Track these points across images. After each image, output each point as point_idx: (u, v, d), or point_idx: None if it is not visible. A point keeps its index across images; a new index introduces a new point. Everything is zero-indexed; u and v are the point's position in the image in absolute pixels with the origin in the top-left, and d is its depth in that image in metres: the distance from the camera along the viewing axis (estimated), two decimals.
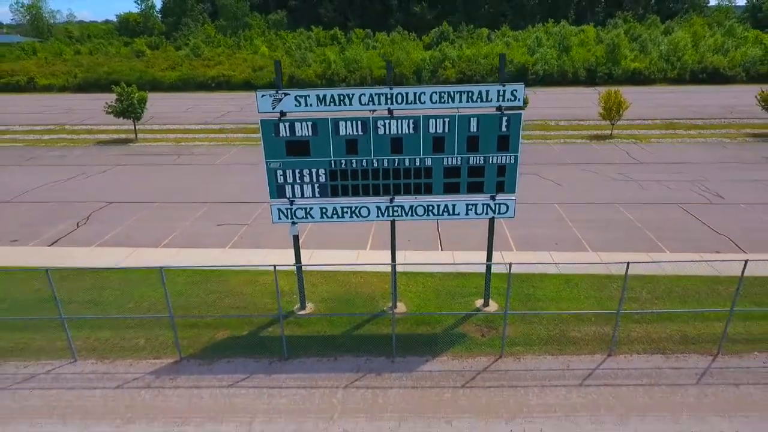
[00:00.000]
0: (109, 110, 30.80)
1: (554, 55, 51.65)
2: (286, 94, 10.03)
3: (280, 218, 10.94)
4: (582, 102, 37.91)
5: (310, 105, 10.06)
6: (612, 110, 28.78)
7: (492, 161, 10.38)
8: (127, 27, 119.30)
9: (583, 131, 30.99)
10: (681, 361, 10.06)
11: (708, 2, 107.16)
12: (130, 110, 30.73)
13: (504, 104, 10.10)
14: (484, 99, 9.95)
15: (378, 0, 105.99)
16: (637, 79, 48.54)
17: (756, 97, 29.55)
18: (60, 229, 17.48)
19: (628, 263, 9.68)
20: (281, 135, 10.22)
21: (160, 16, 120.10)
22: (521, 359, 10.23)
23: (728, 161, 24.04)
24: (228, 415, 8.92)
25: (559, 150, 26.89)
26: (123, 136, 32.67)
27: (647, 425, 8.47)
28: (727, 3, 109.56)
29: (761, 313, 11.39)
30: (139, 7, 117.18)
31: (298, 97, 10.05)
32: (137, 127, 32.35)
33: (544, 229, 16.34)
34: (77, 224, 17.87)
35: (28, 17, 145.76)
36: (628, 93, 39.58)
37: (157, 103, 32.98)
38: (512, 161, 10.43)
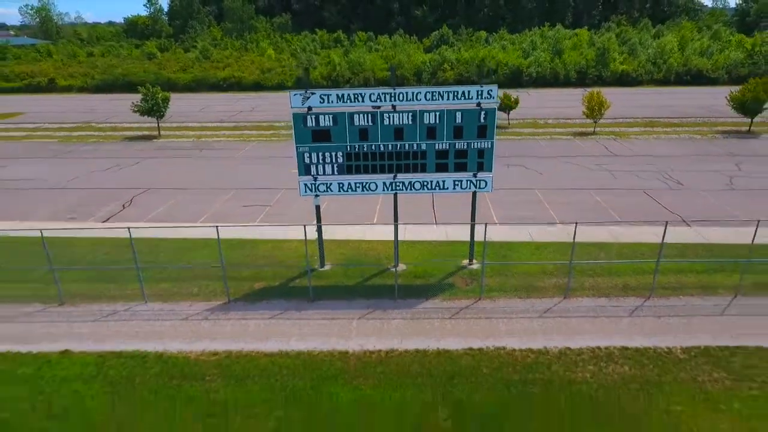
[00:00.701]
0: (136, 109, 33.70)
1: (547, 58, 54.54)
2: (312, 93, 12.88)
3: (306, 192, 13.80)
4: (571, 102, 40.66)
5: (331, 102, 12.93)
6: (594, 109, 31.62)
7: (473, 146, 13.23)
8: (135, 30, 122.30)
9: (569, 129, 33.81)
10: (620, 301, 12.91)
11: (703, 5, 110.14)
12: (155, 109, 33.63)
13: (482, 101, 12.94)
14: (467, 97, 12.81)
15: (380, 3, 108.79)
16: (625, 80, 51.39)
17: (726, 97, 32.35)
18: (109, 209, 20.37)
19: (576, 223, 12.51)
20: (308, 125, 13.08)
21: (167, 18, 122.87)
22: (495, 301, 13.08)
23: (694, 155, 26.85)
24: (270, 337, 11.78)
25: (545, 145, 29.74)
26: (146, 132, 35.57)
27: (587, 341, 11.31)
28: (722, 6, 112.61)
29: (689, 266, 14.25)
30: (148, 10, 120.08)
31: (322, 96, 12.91)
32: (160, 124, 35.24)
33: (524, 210, 19.15)
34: (123, 206, 20.76)
35: (37, 20, 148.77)
36: (616, 94, 42.57)
37: (173, 103, 35.89)
38: (489, 146, 13.27)
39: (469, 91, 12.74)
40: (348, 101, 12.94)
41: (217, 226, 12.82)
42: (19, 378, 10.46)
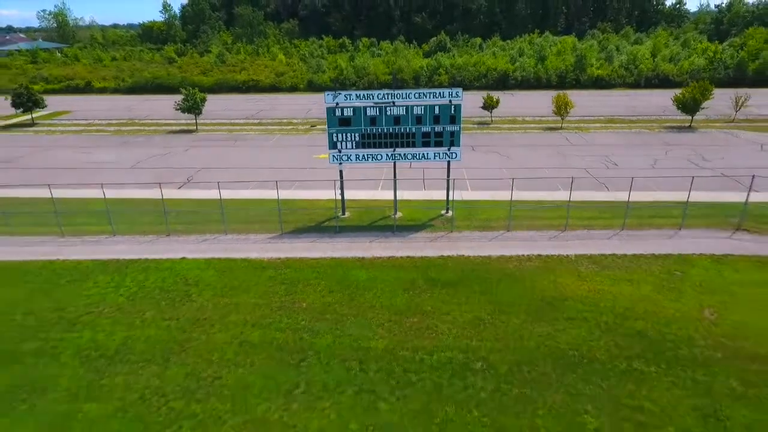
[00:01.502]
0: (178, 107, 40.19)
1: (532, 63, 60.99)
2: (340, 93, 19.31)
3: (333, 160, 20.21)
4: (549, 103, 46.98)
5: (351, 99, 19.36)
6: (561, 108, 38.03)
7: (447, 129, 19.65)
8: (150, 35, 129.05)
9: (542, 124, 40.23)
10: (544, 232, 19.31)
11: (687, 12, 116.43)
12: (194, 107, 40.11)
13: (452, 99, 19.36)
14: (442, 96, 19.23)
15: (382, 11, 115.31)
16: (600, 84, 57.79)
17: (671, 99, 38.74)
18: (178, 181, 26.82)
19: (513, 179, 18.96)
20: (336, 115, 19.51)
21: (180, 23, 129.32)
22: (461, 233, 19.51)
23: (636, 144, 33.23)
24: (312, 250, 18.19)
25: (518, 137, 36.17)
26: (185, 127, 42.05)
27: (517, 251, 17.67)
28: (708, 9, 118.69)
29: (598, 213, 20.68)
30: (164, 16, 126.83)
31: (346, 95, 19.36)
32: (197, 120, 41.74)
33: (490, 181, 25.54)
34: (187, 179, 27.23)
35: (54, 24, 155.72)
36: (591, 96, 49.12)
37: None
38: (457, 129, 19.69)
39: (443, 92, 19.19)
40: (362, 99, 19.39)
41: (276, 181, 19.31)
42: (162, 268, 16.93)
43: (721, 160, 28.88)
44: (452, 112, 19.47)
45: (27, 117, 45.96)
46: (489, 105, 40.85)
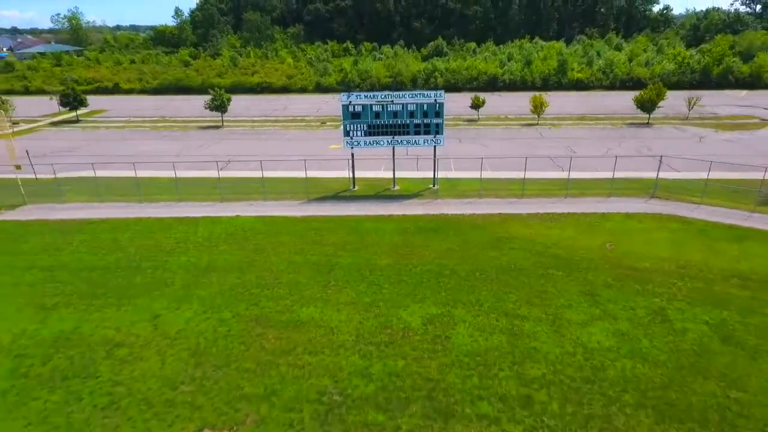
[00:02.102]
0: (207, 106, 46.50)
1: (519, 68, 67.31)
2: (352, 94, 25.64)
3: (346, 145, 26.50)
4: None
5: (360, 98, 25.67)
6: (537, 107, 44.30)
7: (433, 121, 25.95)
8: (163, 38, 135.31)
9: (521, 121, 46.52)
10: (505, 199, 25.59)
11: (674, 18, 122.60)
12: (221, 106, 46.42)
13: (437, 98, 25.66)
14: (429, 97, 25.55)
15: (383, 16, 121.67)
16: (579, 86, 64.06)
17: (632, 99, 45.00)
18: (218, 165, 33.09)
19: (482, 159, 25.30)
20: (349, 110, 25.81)
21: (191, 28, 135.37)
22: (444, 199, 25.82)
23: (597, 137, 39.51)
24: (332, 211, 24.48)
25: (499, 131, 42.50)
26: (212, 123, 48.36)
27: (484, 210, 23.96)
28: (695, 13, 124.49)
29: (555, 187, 26.97)
30: (176, 21, 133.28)
31: (356, 95, 25.69)
32: (223, 118, 48.05)
33: (471, 164, 31.83)
34: (228, 161, 33.53)
35: (68, 27, 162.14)
36: (571, 96, 55.31)
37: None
38: (441, 121, 25.98)
39: (429, 94, 25.51)
40: (369, 98, 25.69)
41: (304, 160, 25.66)
42: (223, 222, 23.24)
43: (662, 149, 35.15)
44: (437, 108, 25.77)
45: (72, 115, 52.31)
46: (476, 105, 47.15)
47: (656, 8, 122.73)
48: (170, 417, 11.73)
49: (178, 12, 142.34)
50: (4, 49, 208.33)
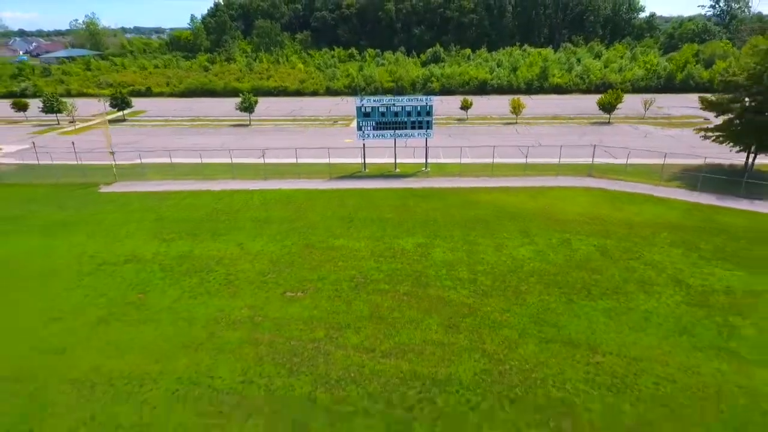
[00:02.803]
0: (238, 107, 55.05)
1: (506, 73, 75.83)
2: (364, 98, 34.25)
3: (359, 138, 35.06)
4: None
5: (370, 101, 34.26)
6: (515, 108, 52.79)
7: (424, 119, 34.51)
8: (178, 43, 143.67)
9: (503, 120, 55.00)
10: (479, 178, 34.11)
11: (657, 25, 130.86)
12: (249, 107, 54.98)
13: (427, 102, 34.22)
14: (422, 101, 34.13)
15: (385, 23, 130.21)
16: (559, 90, 72.50)
17: (596, 102, 53.43)
18: (256, 156, 41.70)
19: (461, 147, 33.88)
20: (362, 111, 34.39)
21: (205, 33, 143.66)
22: (433, 178, 34.37)
23: (562, 134, 47.97)
24: (350, 185, 33.04)
25: (482, 128, 51.02)
26: (240, 122, 56.93)
27: (465, 184, 32.49)
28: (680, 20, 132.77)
29: (518, 169, 35.53)
30: (191, 27, 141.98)
31: (368, 99, 34.31)
32: (251, 117, 56.63)
33: (456, 153, 40.32)
34: (263, 153, 42.09)
35: (87, 32, 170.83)
36: (548, 99, 63.74)
37: (230, 106, 57.36)
38: (431, 119, 34.54)
39: (422, 99, 34.09)
40: (376, 101, 34.24)
41: (328, 149, 34.28)
42: (272, 191, 31.80)
43: (613, 141, 43.66)
44: (427, 110, 34.30)
45: (119, 114, 60.96)
46: (465, 106, 55.68)
47: (642, 15, 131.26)
48: (265, 287, 20.23)
49: (193, 19, 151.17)
50: (21, 52, 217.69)
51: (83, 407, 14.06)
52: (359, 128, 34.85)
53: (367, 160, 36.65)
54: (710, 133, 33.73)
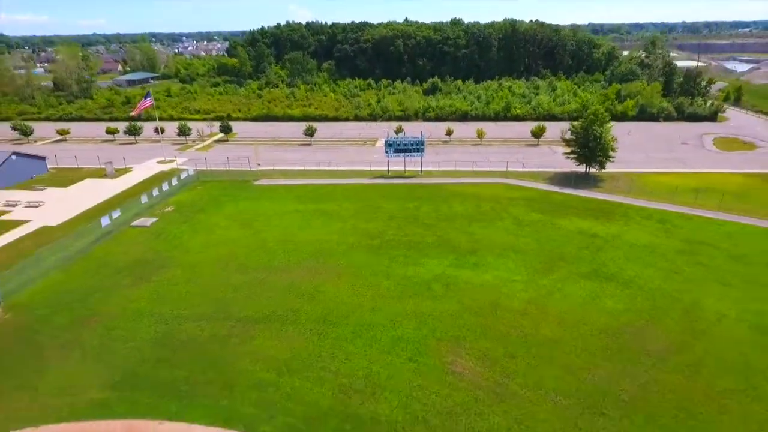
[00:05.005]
0: (305, 132, 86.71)
1: (482, 106, 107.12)
2: (390, 138, 66.00)
3: (386, 156, 66.67)
4: (486, 130, 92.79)
5: (393, 138, 65.98)
6: (480, 134, 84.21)
7: (419, 147, 66.07)
8: (225, 69, 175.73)
9: (472, 143, 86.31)
10: (452, 178, 65.63)
11: (617, 60, 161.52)
12: (312, 132, 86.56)
13: (421, 138, 65.81)
14: (417, 138, 65.82)
15: (395, 56, 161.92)
16: (518, 118, 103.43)
17: (530, 131, 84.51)
18: (324, 164, 73.32)
19: (439, 162, 65.59)
20: (388, 142, 66.11)
21: (251, 62, 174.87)
22: (425, 178, 65.92)
23: (505, 152, 79.19)
24: (379, 181, 64.62)
25: (459, 149, 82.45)
26: (304, 142, 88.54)
27: (452, 181, 63.96)
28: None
29: (481, 173, 67.16)
30: (237, 56, 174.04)
31: (393, 138, 66.17)
32: (312, 139, 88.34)
33: (437, 162, 71.65)
34: (329, 163, 73.77)
35: (142, 53, 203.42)
36: (507, 126, 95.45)
37: (294, 128, 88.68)
38: (423, 147, 66.09)
39: (418, 137, 65.69)
40: (396, 139, 65.84)
41: (370, 163, 66.09)
42: (341, 186, 63.62)
43: (532, 157, 74.91)
44: (421, 142, 65.79)
45: (222, 135, 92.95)
46: (448, 133, 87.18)
47: (603, 49, 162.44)
48: (352, 219, 51.62)
49: (233, 45, 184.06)
50: (38, 65, 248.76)
51: (286, 247, 45.42)
52: (386, 151, 66.32)
53: (391, 168, 68.17)
54: (567, 155, 65.00)
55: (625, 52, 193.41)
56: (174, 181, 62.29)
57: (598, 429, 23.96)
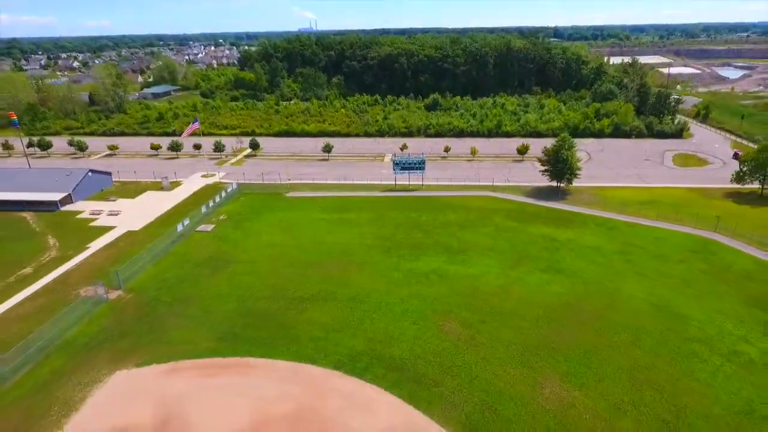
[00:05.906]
0: (323, 149, 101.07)
1: (476, 123, 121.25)
2: (396, 157, 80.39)
3: (394, 172, 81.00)
4: (478, 146, 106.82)
5: (399, 158, 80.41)
6: (473, 151, 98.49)
7: (421, 165, 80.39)
8: (243, 83, 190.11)
9: (468, 158, 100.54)
10: (448, 191, 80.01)
11: (603, 77, 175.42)
12: (329, 149, 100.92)
13: (421, 158, 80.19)
14: (419, 158, 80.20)
15: (399, 72, 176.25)
16: (508, 134, 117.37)
17: (516, 148, 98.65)
18: (341, 178, 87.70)
19: (437, 177, 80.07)
20: (395, 162, 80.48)
21: (266, 76, 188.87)
22: (426, 191, 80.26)
23: (493, 168, 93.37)
24: (390, 194, 78.99)
25: (454, 164, 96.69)
26: (322, 158, 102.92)
27: (446, 194, 78.33)
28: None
29: (463, 188, 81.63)
30: (253, 70, 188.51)
31: (400, 158, 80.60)
32: (329, 155, 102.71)
33: (434, 179, 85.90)
34: (344, 177, 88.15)
35: (167, 72, 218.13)
36: (498, 142, 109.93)
37: (311, 143, 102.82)
38: (424, 164, 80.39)
39: (420, 157, 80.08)
40: (401, 159, 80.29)
41: (381, 177, 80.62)
42: (359, 198, 77.94)
43: (516, 172, 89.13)
44: (421, 160, 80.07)
45: (250, 151, 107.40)
46: (446, 149, 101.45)
47: (591, 65, 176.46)
48: (366, 226, 65.95)
49: (246, 55, 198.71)
50: (59, 73, 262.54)
51: (320, 248, 59.70)
52: (393, 169, 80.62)
53: (398, 182, 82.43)
54: (543, 172, 79.26)
55: (617, 60, 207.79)
56: (223, 194, 76.72)
57: (532, 361, 38.23)
